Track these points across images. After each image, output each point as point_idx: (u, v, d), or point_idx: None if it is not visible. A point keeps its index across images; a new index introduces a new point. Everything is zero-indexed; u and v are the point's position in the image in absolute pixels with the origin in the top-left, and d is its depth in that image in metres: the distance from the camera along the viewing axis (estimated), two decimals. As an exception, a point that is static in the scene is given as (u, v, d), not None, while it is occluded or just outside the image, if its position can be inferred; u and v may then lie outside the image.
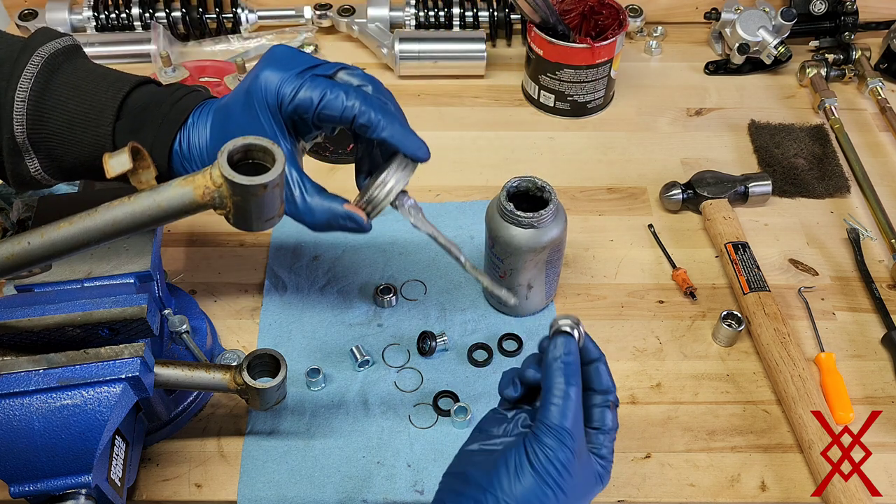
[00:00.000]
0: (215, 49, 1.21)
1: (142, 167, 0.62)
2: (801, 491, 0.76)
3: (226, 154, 0.57)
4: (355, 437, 0.79)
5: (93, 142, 0.67)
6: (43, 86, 0.66)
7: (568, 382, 0.60)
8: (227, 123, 0.67)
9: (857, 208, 1.02)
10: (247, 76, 0.67)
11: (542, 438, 0.59)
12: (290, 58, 0.67)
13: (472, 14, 1.23)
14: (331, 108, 0.65)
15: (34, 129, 0.66)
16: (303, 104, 0.65)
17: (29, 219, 0.78)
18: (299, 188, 0.67)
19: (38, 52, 0.66)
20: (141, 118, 0.67)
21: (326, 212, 0.67)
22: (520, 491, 0.58)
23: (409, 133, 0.68)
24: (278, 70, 0.65)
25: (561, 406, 0.60)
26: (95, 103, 0.67)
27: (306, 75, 0.65)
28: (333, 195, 0.69)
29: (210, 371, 0.71)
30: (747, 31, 1.16)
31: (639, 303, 0.91)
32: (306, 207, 0.67)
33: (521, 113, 1.16)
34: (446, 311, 0.89)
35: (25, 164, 0.68)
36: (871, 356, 0.86)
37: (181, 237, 0.97)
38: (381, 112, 0.66)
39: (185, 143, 0.68)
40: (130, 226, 0.59)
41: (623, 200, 1.03)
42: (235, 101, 0.67)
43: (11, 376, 0.61)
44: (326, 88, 0.65)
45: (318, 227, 0.68)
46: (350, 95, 0.65)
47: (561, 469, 0.59)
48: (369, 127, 0.66)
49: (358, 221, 0.68)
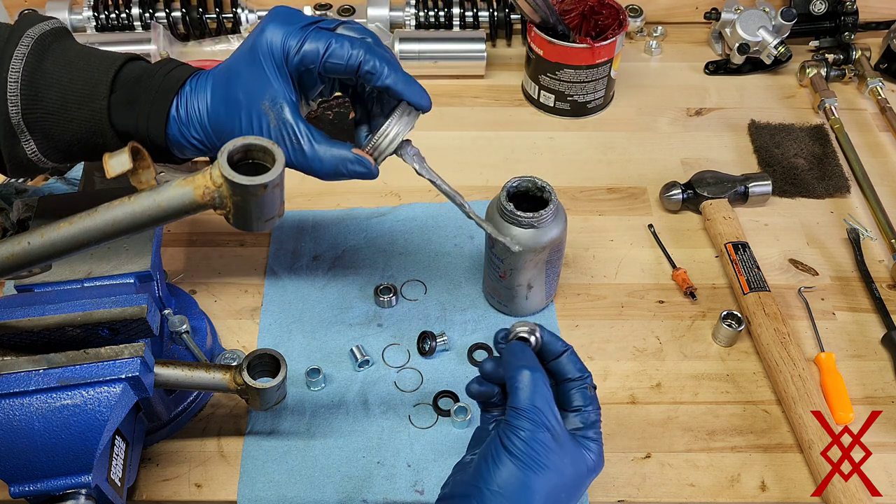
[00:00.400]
0: (215, 49, 1.21)
1: (142, 167, 0.62)
2: (801, 491, 0.76)
3: (226, 154, 0.57)
4: (355, 437, 0.79)
5: (88, 117, 0.67)
6: (35, 65, 0.66)
7: (530, 368, 0.62)
8: (230, 83, 0.67)
9: (857, 208, 1.02)
10: (249, 36, 0.69)
11: (513, 422, 0.60)
12: (292, 14, 0.69)
13: (472, 14, 1.23)
14: (337, 57, 0.66)
15: (29, 108, 0.66)
16: (309, 54, 0.67)
17: (29, 219, 0.78)
18: (307, 137, 0.68)
19: (28, 33, 0.67)
20: (135, 89, 0.68)
21: (335, 157, 0.68)
22: (503, 478, 0.59)
23: (411, 81, 0.69)
24: (282, 25, 0.67)
25: (526, 388, 0.61)
26: (89, 79, 0.67)
27: (309, 29, 0.67)
28: (340, 142, 0.70)
29: (210, 371, 0.71)
30: (747, 31, 1.16)
31: (639, 303, 0.91)
32: (314, 155, 0.68)
33: (521, 113, 1.16)
34: (446, 311, 0.89)
35: (21, 147, 0.68)
36: (871, 356, 0.86)
37: (181, 237, 0.97)
38: (384, 60, 0.68)
39: (182, 110, 0.68)
40: (130, 226, 0.59)
41: (623, 200, 1.03)
42: (238, 60, 0.68)
43: (11, 376, 0.61)
44: (331, 38, 0.67)
45: (326, 174, 0.69)
46: (355, 45, 0.67)
47: (539, 448, 0.59)
48: (374, 74, 0.67)
49: (366, 165, 0.69)
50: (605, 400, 0.82)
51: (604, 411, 0.80)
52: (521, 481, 0.59)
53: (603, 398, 0.82)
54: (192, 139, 0.69)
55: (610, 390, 0.83)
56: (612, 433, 0.80)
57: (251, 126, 0.67)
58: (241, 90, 0.67)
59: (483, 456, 0.61)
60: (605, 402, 0.82)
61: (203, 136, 0.69)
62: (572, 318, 0.89)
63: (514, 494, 0.59)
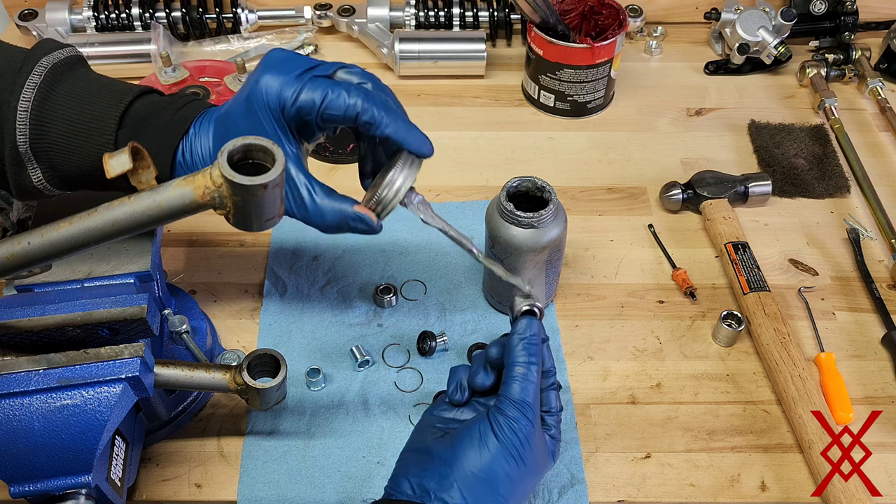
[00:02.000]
0: (215, 49, 1.21)
1: (142, 167, 0.62)
2: (801, 491, 0.76)
3: (226, 154, 0.57)
4: (355, 437, 0.79)
5: (94, 151, 0.67)
6: (45, 95, 0.66)
7: (530, 361, 0.65)
8: (229, 132, 0.67)
9: (857, 208, 1.02)
10: (245, 83, 0.67)
11: (506, 411, 0.63)
12: (288, 61, 0.66)
13: (472, 14, 1.23)
14: (334, 108, 0.65)
15: (36, 138, 0.66)
16: (305, 106, 0.65)
17: (29, 219, 0.78)
18: (308, 191, 0.66)
19: (42, 62, 0.66)
20: (142, 127, 0.67)
21: (337, 213, 0.67)
22: (486, 461, 0.61)
23: (412, 129, 0.68)
24: (277, 74, 0.65)
25: (523, 382, 0.64)
26: (97, 112, 0.66)
27: (306, 77, 0.65)
28: (343, 196, 0.68)
29: (210, 371, 0.71)
30: (747, 31, 1.16)
31: (639, 303, 0.91)
32: (317, 210, 0.67)
33: (521, 113, 1.16)
34: (446, 311, 0.89)
35: (28, 174, 0.68)
36: (871, 356, 0.86)
37: (181, 237, 0.97)
38: (384, 109, 0.66)
39: (187, 153, 0.67)
40: (130, 226, 0.59)
41: (623, 200, 1.03)
42: (236, 108, 0.67)
43: (11, 376, 0.61)
44: (328, 88, 0.65)
45: (328, 229, 0.68)
46: (352, 93, 0.65)
47: (523, 440, 0.62)
48: (373, 124, 0.65)
49: (368, 223, 0.68)
50: (606, 400, 0.82)
51: (604, 411, 0.81)
52: (502, 468, 0.61)
53: (603, 398, 0.82)
54: None
55: (610, 390, 0.83)
56: (612, 433, 0.80)
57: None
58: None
59: (469, 435, 0.63)
60: (606, 402, 0.82)
61: None
62: (572, 318, 0.89)
63: (493, 479, 0.61)
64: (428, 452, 0.64)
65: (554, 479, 0.75)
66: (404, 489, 0.61)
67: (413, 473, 0.62)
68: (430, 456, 0.63)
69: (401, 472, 0.63)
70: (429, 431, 0.67)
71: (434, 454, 0.63)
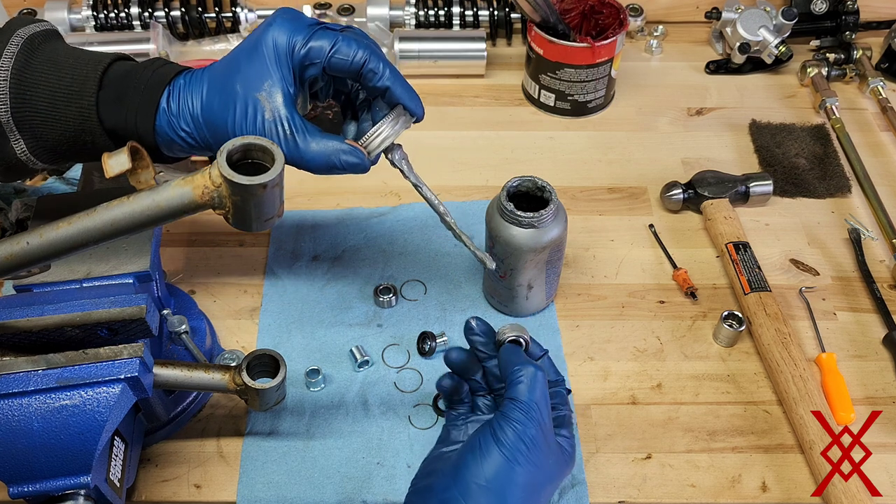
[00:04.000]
0: (214, 48, 1.21)
1: (141, 167, 0.62)
2: (802, 491, 0.76)
3: (225, 154, 0.57)
4: (355, 438, 0.78)
5: (76, 115, 0.67)
6: (23, 64, 0.66)
7: (533, 364, 0.64)
8: (228, 75, 0.67)
9: (858, 208, 1.02)
10: (252, 33, 0.69)
11: (509, 414, 0.61)
12: (298, 15, 0.70)
13: (472, 13, 1.23)
14: (342, 54, 0.67)
15: (18, 107, 0.66)
16: (315, 49, 0.67)
17: (28, 219, 0.78)
18: (301, 129, 0.68)
19: (18, 32, 0.67)
20: (123, 85, 0.67)
21: (327, 148, 0.68)
22: (489, 470, 0.59)
23: (410, 88, 0.71)
24: (289, 21, 0.68)
25: (528, 383, 0.62)
26: (77, 76, 0.67)
27: (316, 27, 0.69)
28: (334, 135, 0.70)
29: (209, 371, 0.71)
30: (748, 31, 1.16)
31: (639, 303, 0.91)
32: (307, 147, 0.68)
33: (522, 112, 1.15)
34: (446, 311, 0.89)
35: (11, 146, 0.68)
36: (872, 356, 0.86)
37: (180, 237, 0.97)
38: (386, 63, 0.69)
39: (173, 103, 0.67)
40: (129, 226, 0.59)
41: (623, 200, 1.02)
42: (239, 54, 0.68)
43: (10, 377, 0.61)
44: (337, 37, 0.68)
45: (318, 166, 0.69)
46: (360, 44, 0.68)
47: (530, 444, 0.60)
48: (376, 73, 0.68)
49: (359, 155, 0.69)
50: (606, 400, 0.82)
51: (604, 411, 0.81)
52: (507, 475, 0.59)
53: (603, 398, 0.82)
54: (180, 132, 0.68)
55: (610, 391, 0.83)
56: (613, 434, 0.79)
57: (245, 116, 0.66)
58: (239, 81, 0.67)
59: (470, 447, 0.61)
60: (606, 402, 0.82)
61: (193, 128, 0.68)
62: (573, 319, 0.89)
63: (499, 488, 0.59)
64: (432, 473, 0.63)
65: (554, 480, 0.75)
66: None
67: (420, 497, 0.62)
68: (433, 475, 0.62)
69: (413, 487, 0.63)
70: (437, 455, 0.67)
71: (437, 472, 0.62)
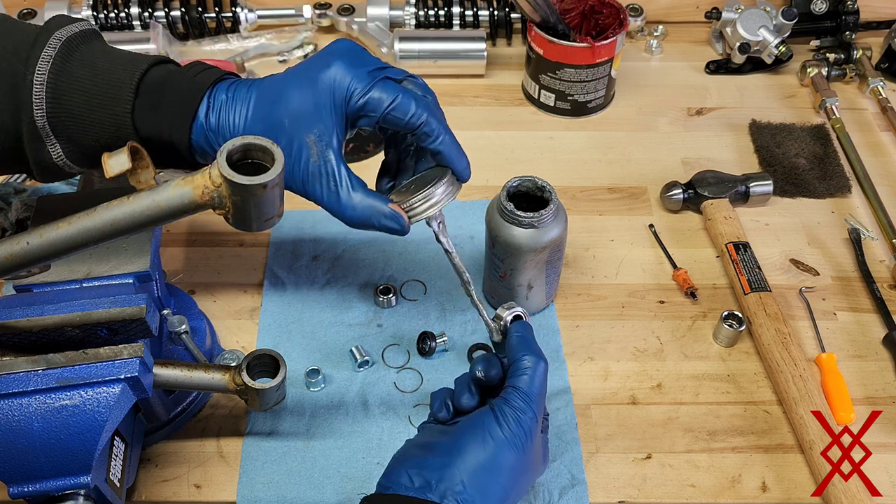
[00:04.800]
0: (214, 48, 1.21)
1: (141, 167, 0.62)
2: (802, 492, 0.76)
3: (225, 154, 0.57)
4: (355, 438, 0.78)
5: (111, 121, 0.66)
6: (60, 68, 0.65)
7: (538, 356, 0.65)
8: (277, 105, 0.66)
9: (858, 208, 1.02)
10: (309, 64, 0.67)
11: (512, 402, 0.62)
12: (361, 54, 0.68)
13: (472, 13, 1.23)
14: (400, 112, 0.66)
15: (53, 112, 0.65)
16: (373, 102, 0.66)
17: (28, 219, 0.78)
18: (346, 182, 0.67)
19: (56, 34, 0.66)
20: (159, 93, 0.66)
21: (369, 208, 0.67)
22: (489, 451, 0.61)
23: (461, 152, 0.70)
24: (351, 65, 0.66)
25: (532, 374, 0.64)
26: (113, 81, 0.65)
27: (378, 75, 0.67)
28: (377, 193, 0.69)
29: (209, 371, 0.71)
30: (748, 31, 1.16)
31: (639, 303, 0.91)
32: (349, 202, 0.67)
33: (522, 112, 1.15)
34: (446, 311, 0.89)
35: (47, 150, 0.67)
36: (872, 356, 0.86)
37: (180, 237, 0.97)
38: (443, 125, 0.69)
39: (213, 117, 0.66)
40: (129, 226, 0.59)
41: (623, 200, 1.02)
42: (292, 84, 0.66)
43: (10, 377, 0.61)
44: (398, 92, 0.66)
45: (356, 222, 0.68)
46: (419, 103, 0.67)
47: (528, 432, 0.62)
48: (430, 136, 0.68)
49: (401, 222, 0.68)
50: (606, 400, 0.82)
51: (604, 411, 0.81)
52: (503, 458, 0.61)
53: (603, 398, 0.82)
54: (217, 146, 0.66)
55: (610, 391, 0.83)
56: (613, 434, 0.79)
57: (289, 153, 0.65)
58: (288, 116, 0.65)
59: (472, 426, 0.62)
60: (606, 402, 0.82)
61: None
62: (573, 319, 0.89)
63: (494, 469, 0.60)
64: (427, 446, 0.63)
65: (554, 480, 0.75)
66: (401, 481, 0.60)
67: (412, 465, 0.61)
68: (429, 449, 0.62)
69: (397, 465, 0.63)
70: (426, 432, 0.66)
71: (434, 447, 0.62)
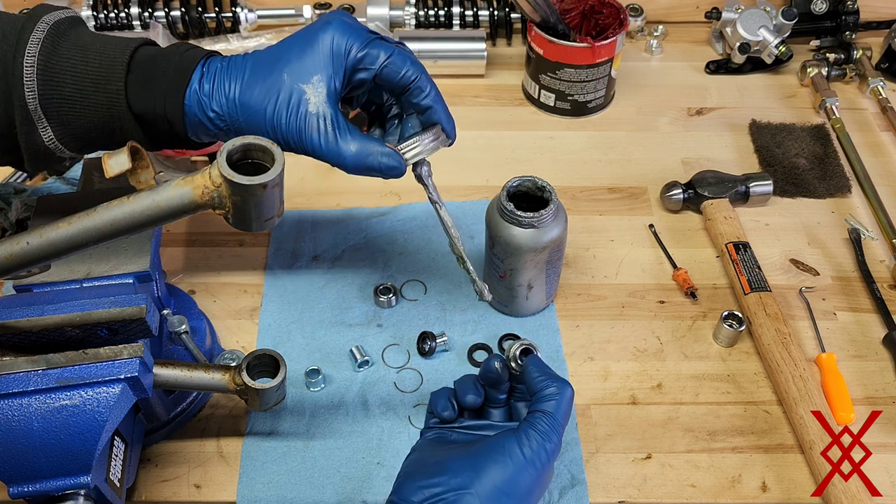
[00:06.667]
0: (214, 48, 1.21)
1: (141, 167, 0.62)
2: (802, 492, 0.76)
3: (225, 154, 0.57)
4: (355, 438, 0.78)
5: (105, 101, 0.66)
6: (51, 50, 0.65)
7: (563, 382, 0.66)
8: (276, 64, 0.67)
9: (859, 208, 1.02)
10: (306, 29, 0.69)
11: (537, 425, 0.63)
12: (356, 21, 0.70)
13: (472, 13, 1.23)
14: (395, 66, 0.69)
15: (45, 94, 0.65)
16: (371, 56, 0.68)
17: (28, 219, 0.78)
18: (343, 127, 0.68)
19: (44, 19, 0.66)
20: (151, 68, 0.67)
21: (366, 148, 0.69)
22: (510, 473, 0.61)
23: (449, 112, 0.74)
24: (348, 26, 0.69)
25: (559, 400, 0.65)
26: (104, 61, 0.66)
27: (374, 36, 0.70)
28: (372, 136, 0.72)
29: (209, 371, 0.71)
30: (748, 31, 1.16)
31: (639, 303, 0.91)
32: (346, 145, 0.68)
33: (522, 112, 1.15)
34: (446, 311, 0.89)
35: (39, 133, 0.67)
36: (873, 356, 0.86)
37: (180, 237, 0.97)
38: (432, 83, 0.72)
39: (207, 83, 0.67)
40: (129, 226, 0.59)
41: (623, 200, 1.02)
42: (291, 45, 0.68)
43: (10, 377, 0.61)
44: (393, 50, 0.69)
45: (354, 164, 0.69)
46: (413, 62, 0.70)
47: (550, 455, 0.63)
48: (423, 91, 0.71)
49: (398, 160, 0.70)
50: (606, 400, 0.82)
51: (604, 411, 0.81)
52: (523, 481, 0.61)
53: (604, 398, 0.82)
54: (210, 112, 0.67)
55: (611, 391, 0.83)
56: (613, 434, 0.79)
57: (287, 104, 0.66)
58: (287, 70, 0.67)
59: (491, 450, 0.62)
60: (606, 402, 0.82)
61: (226, 110, 0.67)
62: (573, 319, 0.89)
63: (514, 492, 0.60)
64: (442, 464, 0.62)
65: (554, 480, 0.75)
66: (413, 499, 0.59)
67: (426, 483, 0.60)
68: (444, 467, 0.62)
69: (410, 480, 0.62)
70: (434, 447, 0.66)
71: (449, 466, 0.61)
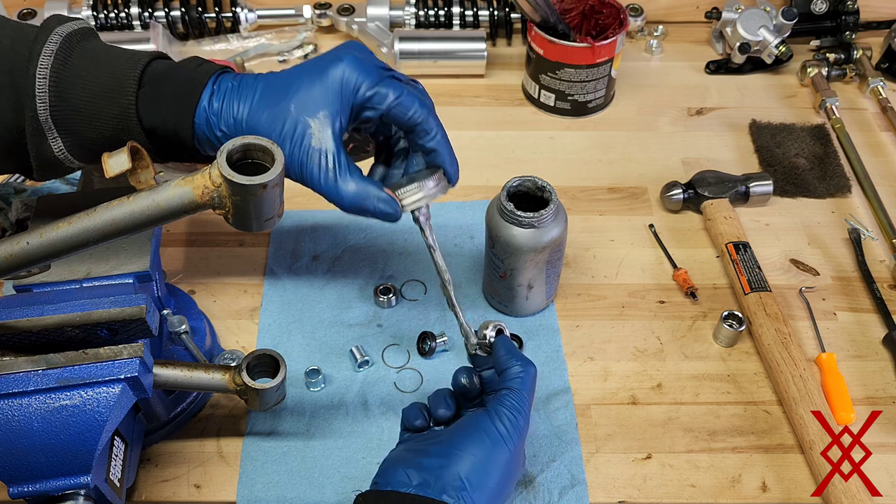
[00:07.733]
0: (214, 48, 1.21)
1: (140, 167, 0.62)
2: (802, 492, 0.76)
3: (225, 154, 0.57)
4: (355, 438, 0.78)
5: (116, 113, 0.66)
6: (62, 61, 0.66)
7: (527, 362, 0.68)
8: (286, 93, 0.67)
9: (859, 208, 1.02)
10: (318, 60, 0.69)
11: (506, 402, 0.65)
12: (369, 55, 0.71)
13: (472, 13, 1.23)
14: (403, 108, 0.69)
15: (56, 105, 0.66)
16: (378, 97, 0.68)
17: (28, 219, 0.78)
18: (345, 166, 0.68)
19: (57, 31, 0.67)
20: (162, 82, 0.67)
21: (364, 191, 0.69)
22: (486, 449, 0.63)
23: (454, 155, 0.73)
24: (361, 62, 0.69)
25: (524, 377, 0.67)
26: (116, 74, 0.66)
27: (385, 73, 0.70)
28: (372, 179, 0.71)
29: (209, 371, 0.71)
30: (748, 31, 1.16)
31: (639, 303, 0.91)
32: (345, 185, 0.68)
33: (522, 112, 1.15)
34: (446, 311, 0.89)
35: (48, 144, 0.67)
36: (873, 356, 0.86)
37: (180, 237, 0.97)
38: (440, 126, 0.72)
39: (216, 102, 0.67)
40: (129, 226, 0.59)
41: (624, 200, 1.02)
42: (302, 76, 0.68)
43: (10, 377, 0.61)
44: (403, 90, 0.69)
45: (350, 204, 0.69)
46: (421, 103, 0.70)
47: (520, 431, 0.65)
48: (428, 134, 0.71)
49: (394, 206, 0.70)
50: (606, 400, 0.82)
51: (604, 411, 0.81)
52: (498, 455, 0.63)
53: (603, 398, 0.82)
54: (218, 132, 0.67)
55: (610, 391, 0.83)
56: (613, 434, 0.79)
57: (291, 134, 0.66)
58: (295, 102, 0.67)
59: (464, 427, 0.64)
60: (606, 402, 0.82)
61: (233, 131, 0.67)
62: (573, 319, 0.89)
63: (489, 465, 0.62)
64: (422, 451, 0.64)
65: (554, 480, 0.75)
66: (399, 479, 0.62)
67: (409, 465, 0.63)
68: (424, 453, 0.64)
69: (393, 465, 0.64)
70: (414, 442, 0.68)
71: (429, 451, 0.64)
